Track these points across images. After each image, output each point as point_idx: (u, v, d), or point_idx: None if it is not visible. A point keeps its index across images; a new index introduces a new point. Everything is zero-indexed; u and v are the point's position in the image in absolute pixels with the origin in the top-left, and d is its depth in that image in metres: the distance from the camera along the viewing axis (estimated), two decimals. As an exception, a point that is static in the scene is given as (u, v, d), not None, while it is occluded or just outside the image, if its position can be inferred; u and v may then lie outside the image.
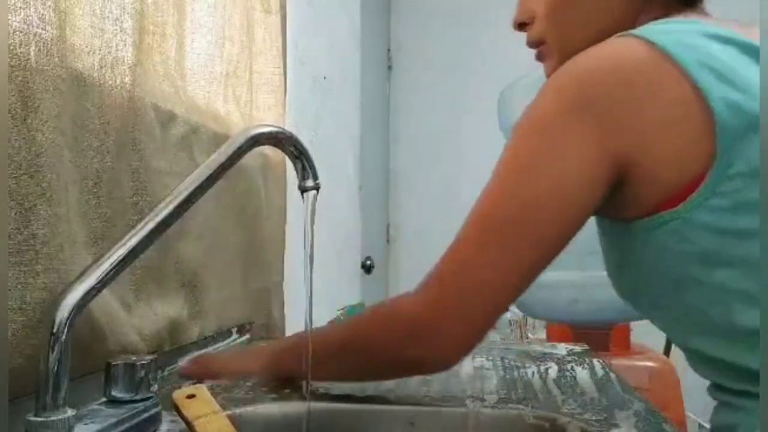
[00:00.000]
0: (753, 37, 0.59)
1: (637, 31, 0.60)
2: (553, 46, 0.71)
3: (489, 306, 0.61)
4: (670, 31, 0.59)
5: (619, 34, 0.61)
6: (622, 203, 0.61)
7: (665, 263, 0.61)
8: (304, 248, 0.65)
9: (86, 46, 0.66)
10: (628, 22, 0.66)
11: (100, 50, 0.67)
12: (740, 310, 0.58)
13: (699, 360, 0.66)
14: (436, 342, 0.62)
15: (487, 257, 0.60)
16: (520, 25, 0.74)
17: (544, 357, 0.96)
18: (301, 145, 0.65)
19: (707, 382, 0.67)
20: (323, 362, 0.68)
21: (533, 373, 0.85)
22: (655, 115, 0.57)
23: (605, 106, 0.58)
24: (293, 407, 0.69)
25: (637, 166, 0.58)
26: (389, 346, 0.65)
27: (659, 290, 0.64)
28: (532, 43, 0.73)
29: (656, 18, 0.65)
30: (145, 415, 0.56)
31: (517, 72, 1.94)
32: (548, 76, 0.70)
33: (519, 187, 0.60)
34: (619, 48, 0.59)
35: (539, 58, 0.74)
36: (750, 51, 0.57)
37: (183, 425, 0.57)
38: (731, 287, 0.58)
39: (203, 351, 0.91)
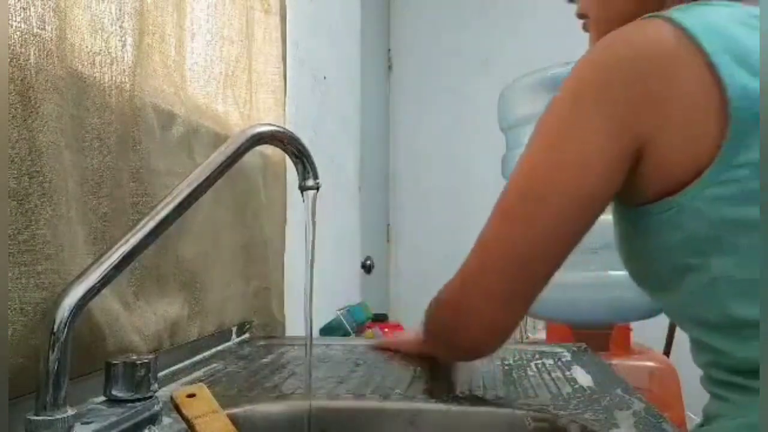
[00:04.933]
0: None
1: (668, 12, 0.60)
2: (593, 20, 0.74)
3: (514, 282, 0.63)
4: (700, 15, 0.58)
5: (649, 15, 0.61)
6: (633, 189, 0.62)
7: (665, 249, 0.62)
8: (305, 248, 0.65)
9: (86, 46, 0.66)
10: (659, 4, 0.66)
11: (100, 50, 0.67)
12: (733, 299, 0.58)
13: (696, 347, 0.66)
14: (466, 319, 0.65)
15: (511, 231, 0.62)
16: None
17: (544, 357, 0.96)
18: (302, 145, 0.65)
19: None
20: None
21: (533, 372, 0.85)
22: (673, 98, 0.57)
23: (627, 87, 0.58)
24: (293, 406, 0.69)
25: (653, 148, 0.58)
26: (439, 327, 0.72)
27: (661, 275, 0.65)
28: (579, 15, 0.76)
29: None
30: (145, 414, 0.56)
31: (517, 72, 1.95)
32: (590, 46, 0.73)
33: (543, 166, 0.61)
34: (645, 31, 0.60)
35: (585, 29, 0.76)
36: None
37: (183, 425, 0.57)
38: (725, 276, 0.58)
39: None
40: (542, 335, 2.13)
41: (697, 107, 0.56)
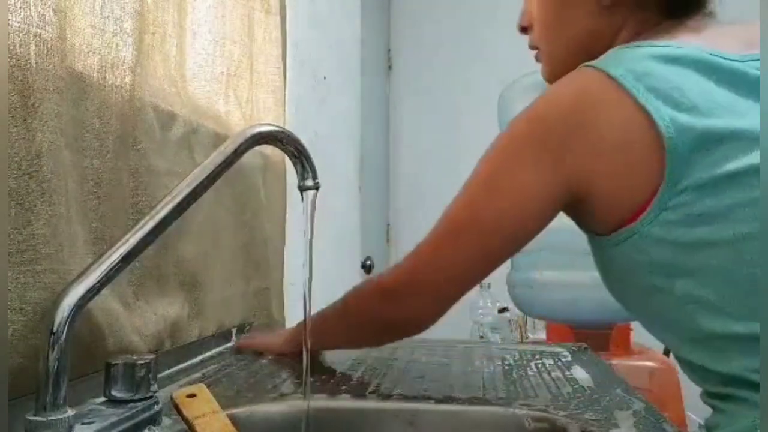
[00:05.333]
0: (722, 43, 0.63)
1: (595, 62, 0.65)
2: (543, 53, 0.79)
3: (446, 288, 0.71)
4: (624, 59, 0.63)
5: (583, 65, 0.66)
6: (589, 221, 0.67)
7: (631, 274, 0.65)
8: (304, 248, 0.65)
9: (86, 46, 0.66)
10: (608, 38, 0.72)
11: (100, 50, 0.67)
12: (702, 316, 0.61)
13: (682, 365, 0.69)
14: (413, 304, 0.72)
15: (446, 252, 0.70)
16: (523, 29, 0.81)
17: (544, 357, 0.96)
18: (301, 145, 0.64)
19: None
20: (327, 332, 0.81)
21: (533, 373, 0.85)
22: (606, 141, 0.62)
23: (558, 137, 0.63)
24: (293, 406, 0.69)
25: (594, 187, 0.63)
26: (369, 308, 0.77)
27: (632, 298, 0.69)
28: (531, 47, 0.81)
29: (636, 33, 0.71)
30: (145, 414, 0.56)
31: (517, 72, 1.94)
32: (542, 76, 0.80)
33: (479, 200, 0.68)
34: (575, 81, 0.65)
35: (537, 59, 0.81)
36: (702, 67, 0.61)
37: (183, 425, 0.57)
38: (692, 295, 0.61)
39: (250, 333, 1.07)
40: (542, 335, 2.13)
41: (632, 145, 0.61)
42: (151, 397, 0.57)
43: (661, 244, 0.61)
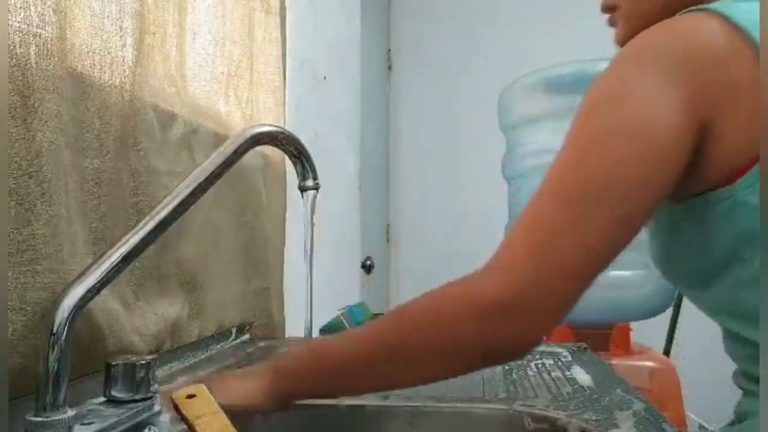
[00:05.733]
0: None
1: (713, 5, 0.59)
2: (625, 12, 0.71)
3: (577, 277, 0.54)
4: (745, 9, 0.58)
5: (694, 7, 0.60)
6: (692, 176, 0.59)
7: (717, 240, 0.61)
8: (304, 248, 0.65)
9: (86, 46, 0.66)
10: None
11: (100, 50, 0.67)
12: None
13: (734, 340, 0.66)
14: (527, 321, 0.54)
15: (574, 224, 0.54)
16: None
17: (544, 357, 0.96)
18: (301, 145, 0.65)
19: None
20: (366, 369, 0.59)
21: (533, 373, 0.85)
22: (730, 87, 0.56)
23: (688, 63, 0.56)
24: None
25: (713, 133, 0.57)
26: (472, 333, 0.54)
27: (705, 269, 0.63)
28: (606, 8, 0.74)
29: None
30: (145, 415, 0.56)
31: (517, 72, 1.95)
32: (617, 41, 0.72)
33: (604, 149, 0.55)
34: (695, 20, 0.59)
35: (612, 23, 0.74)
36: None
37: (183, 425, 0.57)
38: None
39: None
40: (542, 335, 2.13)
41: (748, 95, 0.56)
42: (150, 397, 0.57)
43: (756, 212, 0.57)
